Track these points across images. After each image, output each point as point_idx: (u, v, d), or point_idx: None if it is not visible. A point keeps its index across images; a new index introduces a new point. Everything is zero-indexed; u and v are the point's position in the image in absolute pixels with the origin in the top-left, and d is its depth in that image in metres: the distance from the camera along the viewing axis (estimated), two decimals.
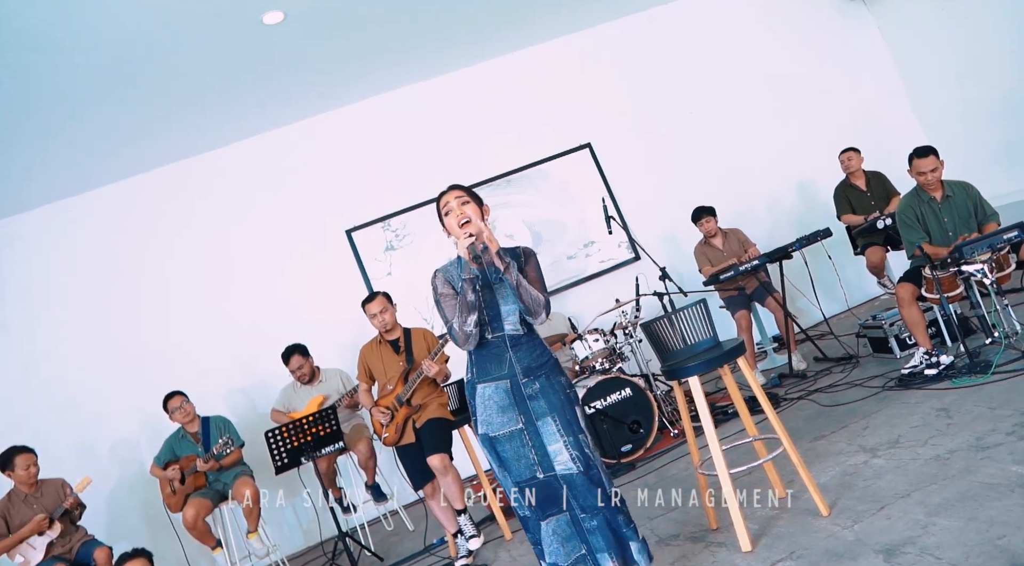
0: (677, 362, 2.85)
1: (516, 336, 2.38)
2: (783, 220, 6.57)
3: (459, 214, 2.35)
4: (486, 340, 2.38)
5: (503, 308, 2.37)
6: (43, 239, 5.56)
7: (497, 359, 2.37)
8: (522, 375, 2.35)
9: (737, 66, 6.75)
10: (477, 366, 2.40)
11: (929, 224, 3.90)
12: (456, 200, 2.38)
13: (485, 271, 2.40)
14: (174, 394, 4.79)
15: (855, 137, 6.20)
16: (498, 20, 5.66)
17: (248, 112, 5.46)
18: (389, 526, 5.24)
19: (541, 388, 2.35)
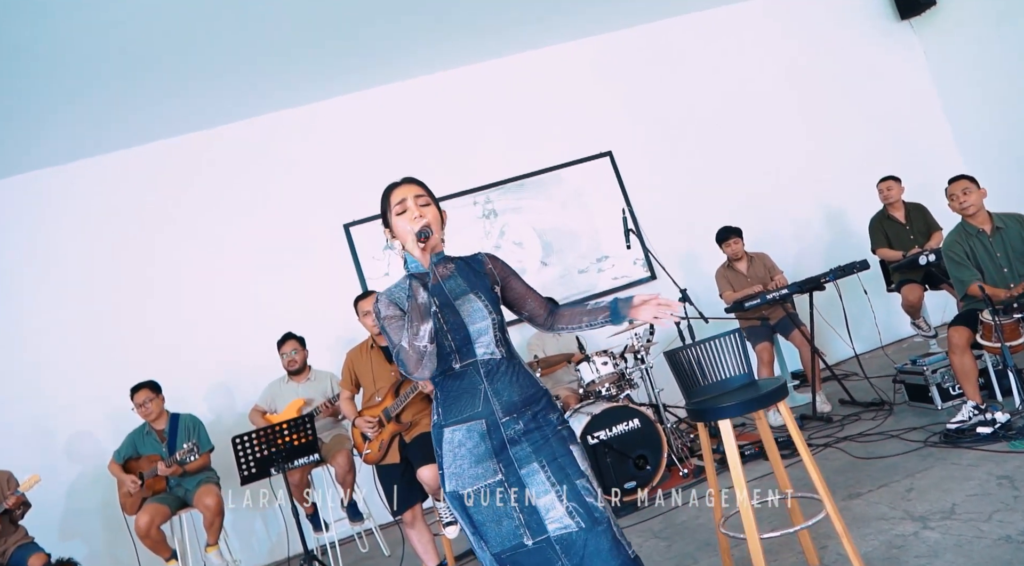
0: (707, 400, 2.44)
1: (492, 362, 1.84)
2: (810, 248, 6.17)
3: (415, 217, 1.82)
4: (453, 370, 1.84)
5: (472, 328, 1.84)
6: (24, 208, 5.19)
7: (468, 394, 1.82)
8: (502, 412, 1.81)
9: (769, 82, 6.38)
10: (443, 404, 1.85)
11: (980, 260, 3.52)
12: (413, 198, 1.86)
13: (441, 284, 1.89)
14: (142, 387, 4.38)
15: (892, 165, 5.82)
16: (520, 15, 5.31)
17: (250, 91, 5.10)
18: (364, 548, 4.82)
19: (526, 428, 1.82)
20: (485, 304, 1.86)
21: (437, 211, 1.90)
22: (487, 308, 1.85)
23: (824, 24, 6.56)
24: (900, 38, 6.67)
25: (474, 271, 1.94)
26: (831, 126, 6.39)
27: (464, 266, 1.95)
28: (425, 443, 3.36)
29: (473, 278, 1.92)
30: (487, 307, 1.85)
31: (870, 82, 6.52)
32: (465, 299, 1.87)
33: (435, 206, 1.90)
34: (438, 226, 1.88)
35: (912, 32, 6.70)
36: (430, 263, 1.85)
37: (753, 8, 6.44)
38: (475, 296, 1.87)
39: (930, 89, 6.65)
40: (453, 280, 1.91)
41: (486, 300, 1.87)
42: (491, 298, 1.88)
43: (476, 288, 1.88)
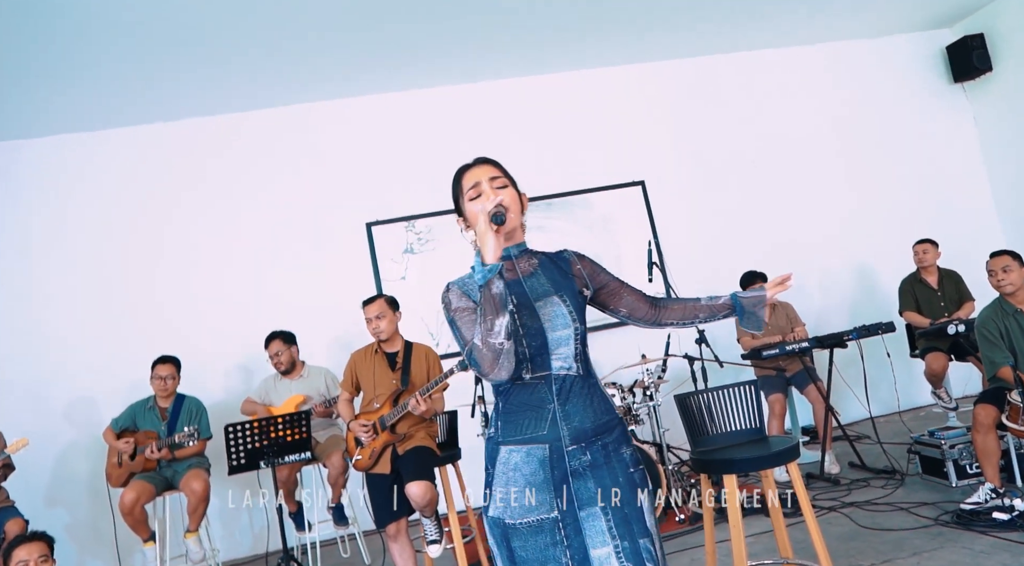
0: (714, 451, 2.34)
1: (567, 378, 1.60)
2: (836, 303, 6.02)
3: (501, 199, 1.58)
4: (521, 381, 1.60)
5: (551, 335, 1.60)
6: (45, 171, 5.22)
7: (535, 411, 1.59)
8: (569, 440, 1.57)
9: (813, 129, 6.27)
10: (504, 419, 1.61)
11: (1015, 341, 3.38)
12: (488, 180, 1.64)
13: (521, 280, 1.66)
14: (168, 361, 4.35)
15: (929, 228, 5.68)
16: (567, 33, 5.25)
17: (286, 78, 5.08)
18: (345, 553, 4.72)
19: (594, 461, 1.58)
20: (569, 310, 1.62)
21: (516, 193, 1.68)
22: (571, 315, 1.62)
23: (876, 77, 6.45)
24: (951, 101, 6.54)
25: (560, 270, 1.70)
26: (871, 181, 6.26)
27: (549, 263, 1.71)
28: (417, 458, 3.28)
29: (559, 278, 1.68)
30: (571, 314, 1.62)
31: (916, 141, 6.39)
32: (547, 301, 1.63)
33: (513, 188, 1.68)
34: (517, 211, 1.65)
35: (964, 96, 6.57)
36: (509, 254, 1.64)
37: (805, 54, 6.35)
38: (559, 299, 1.63)
39: (976, 155, 6.50)
40: (535, 278, 1.67)
41: (571, 306, 1.63)
42: (576, 304, 1.64)
43: (561, 290, 1.65)
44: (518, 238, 1.68)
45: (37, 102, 4.73)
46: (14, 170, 5.18)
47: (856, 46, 6.45)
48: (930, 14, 6.26)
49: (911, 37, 6.55)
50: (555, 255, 1.74)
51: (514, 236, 1.67)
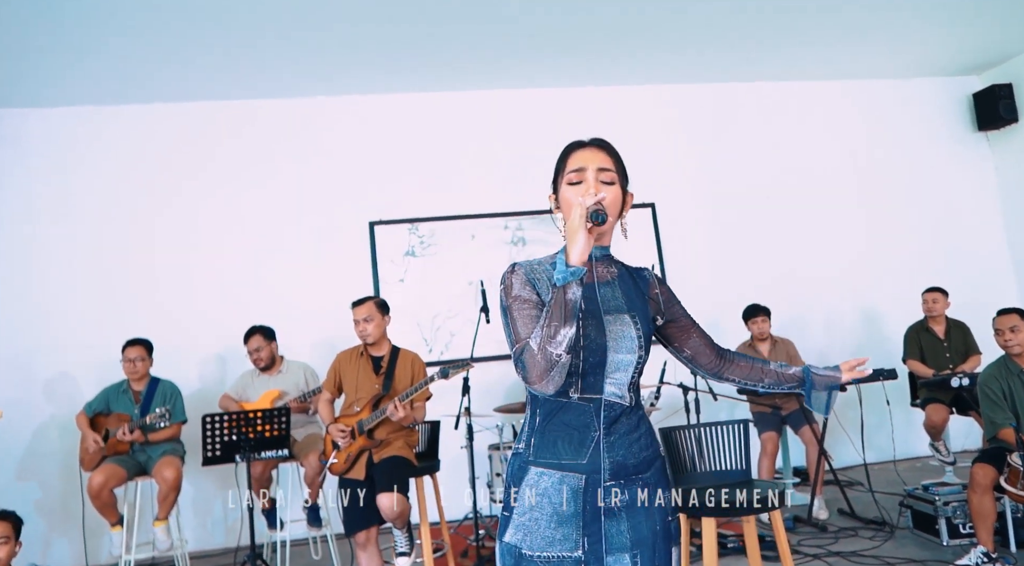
0: (696, 489, 2.24)
1: (617, 407, 1.44)
2: (839, 344, 5.90)
3: (602, 196, 1.41)
4: (568, 401, 1.44)
5: (612, 356, 1.43)
6: (54, 141, 5.17)
7: (577, 435, 1.43)
8: (609, 474, 1.42)
9: (830, 166, 6.17)
10: (540, 438, 1.46)
11: (1018, 401, 3.27)
12: (595, 171, 1.46)
13: (596, 286, 1.49)
14: (136, 343, 4.27)
15: (941, 276, 5.55)
16: (590, 49, 5.18)
17: (301, 70, 5.02)
18: (316, 555, 4.63)
19: (631, 502, 1.44)
20: (639, 334, 1.46)
21: (621, 194, 1.49)
22: (639, 340, 1.45)
23: (899, 118, 6.35)
24: (974, 149, 6.44)
25: (638, 288, 1.54)
26: (886, 222, 6.16)
27: (628, 277, 1.55)
28: (392, 468, 3.19)
29: (634, 296, 1.52)
30: (640, 339, 1.45)
31: (934, 186, 6.28)
32: (617, 318, 1.46)
33: (620, 187, 1.49)
34: (616, 212, 1.47)
35: (987, 145, 6.46)
36: (591, 255, 1.47)
37: (828, 88, 6.27)
38: (630, 319, 1.47)
39: (995, 206, 6.38)
40: (610, 288, 1.50)
41: (642, 330, 1.46)
42: (646, 329, 1.49)
43: (634, 309, 1.49)
44: (605, 241, 1.51)
45: (50, 71, 4.69)
46: (22, 138, 5.14)
47: (881, 85, 6.36)
48: (959, 60, 6.16)
49: (938, 81, 6.45)
50: (636, 270, 1.59)
51: (602, 238, 1.50)
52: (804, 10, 4.93)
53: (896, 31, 5.47)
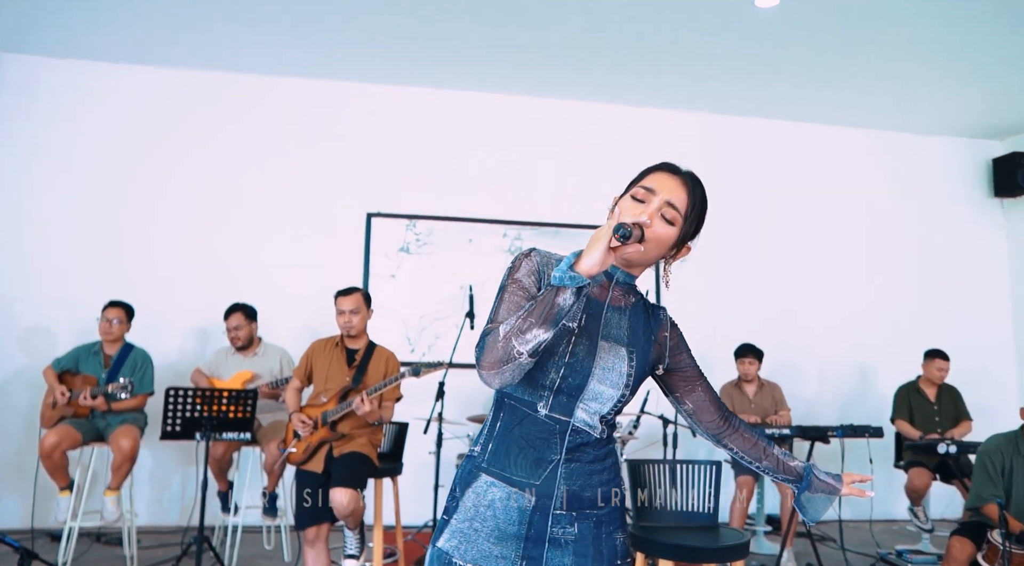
0: (658, 529, 2.12)
1: (584, 436, 1.35)
2: (829, 394, 5.79)
3: (646, 222, 1.29)
4: (535, 414, 1.35)
5: (592, 384, 1.34)
6: (63, 93, 5.09)
7: (535, 453, 1.34)
8: (562, 503, 1.34)
9: (838, 211, 6.08)
10: (496, 446, 1.37)
11: (1016, 483, 3.14)
12: (664, 203, 1.35)
13: (604, 306, 1.39)
14: (117, 305, 4.16)
15: (941, 338, 5.45)
16: (612, 65, 5.09)
17: (320, 51, 4.93)
18: (268, 545, 4.51)
19: (580, 537, 1.35)
20: (630, 372, 1.37)
21: (674, 238, 1.36)
22: (628, 377, 1.36)
23: (915, 174, 6.27)
24: (988, 214, 6.35)
25: (648, 327, 1.44)
26: (891, 277, 6.06)
27: (642, 312, 1.44)
28: (351, 464, 3.08)
29: (640, 333, 1.42)
30: (629, 377, 1.36)
31: (944, 247, 6.19)
32: (614, 348, 1.37)
33: (679, 232, 1.36)
34: (658, 252, 1.36)
35: (1001, 212, 6.37)
36: (614, 274, 1.40)
37: (846, 135, 6.18)
38: (627, 354, 1.37)
39: (1004, 275, 6.28)
40: (619, 314, 1.40)
41: (634, 368, 1.37)
42: (641, 370, 1.40)
43: (635, 346, 1.39)
44: (636, 271, 1.41)
45: (68, 22, 4.61)
46: (32, 85, 5.06)
47: (901, 139, 6.28)
48: (982, 123, 6.09)
49: (959, 142, 6.37)
50: (653, 307, 1.47)
51: (633, 267, 1.40)
52: (835, 55, 4.86)
53: (923, 87, 5.40)
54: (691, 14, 4.39)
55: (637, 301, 1.44)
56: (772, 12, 4.33)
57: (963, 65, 5.00)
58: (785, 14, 4.36)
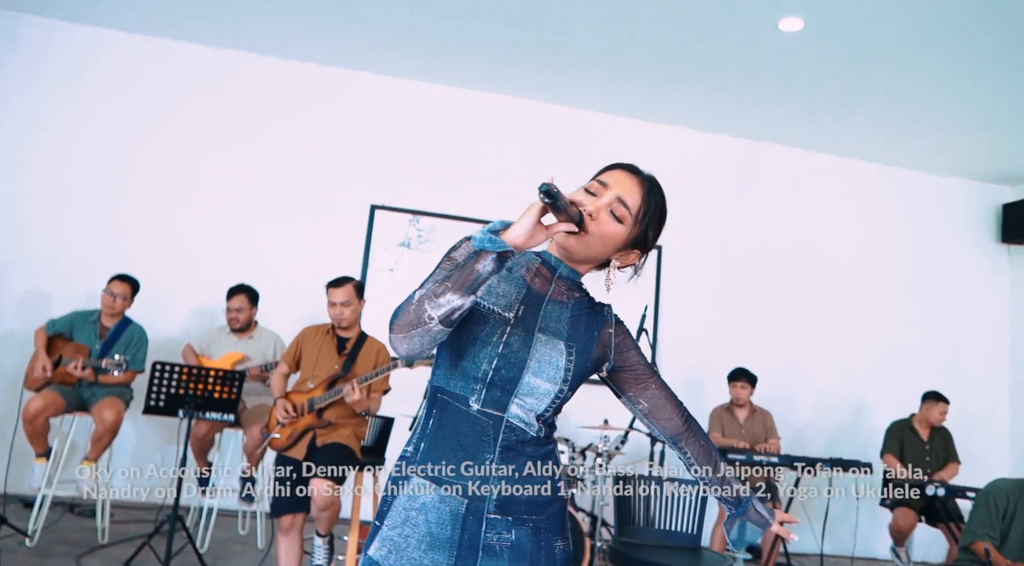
0: (640, 546, 2.08)
1: (520, 433, 1.29)
2: (820, 424, 5.75)
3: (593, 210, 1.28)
4: (467, 410, 1.28)
5: (526, 378, 1.28)
6: (75, 58, 5.04)
7: (466, 454, 1.27)
8: (495, 507, 1.27)
9: (843, 242, 6.06)
10: (428, 444, 1.30)
11: (1015, 529, 3.10)
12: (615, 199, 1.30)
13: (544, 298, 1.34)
14: (125, 279, 4.11)
15: (934, 378, 5.42)
16: (629, 78, 5.09)
17: (339, 38, 4.91)
18: (243, 530, 4.46)
19: (517, 544, 1.28)
20: (568, 366, 1.31)
21: (622, 236, 1.32)
22: (565, 373, 1.30)
23: (923, 213, 6.25)
24: (994, 259, 6.32)
25: (589, 323, 1.38)
26: (891, 314, 6.03)
27: (586, 308, 1.39)
28: (333, 454, 3.04)
29: (582, 329, 1.36)
30: (566, 372, 1.30)
31: (945, 289, 6.16)
32: (551, 341, 1.31)
33: (628, 231, 1.32)
34: (603, 246, 1.31)
35: (1007, 258, 6.35)
36: (558, 268, 1.35)
37: (856, 167, 6.16)
38: (565, 348, 1.32)
39: (1005, 321, 6.25)
40: (559, 308, 1.35)
41: (572, 363, 1.31)
42: (581, 366, 1.33)
43: (575, 341, 1.34)
44: (581, 268, 1.37)
45: None
46: (45, 48, 5.02)
47: (911, 176, 6.26)
48: (994, 168, 6.07)
49: (970, 184, 6.36)
50: (598, 305, 1.42)
51: (577, 263, 1.36)
52: (854, 84, 4.85)
53: (938, 126, 5.40)
54: (714, 33, 4.38)
55: (581, 298, 1.39)
56: (796, 36, 4.31)
57: (980, 108, 4.99)
58: (808, 39, 4.34)
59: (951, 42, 4.21)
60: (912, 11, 3.97)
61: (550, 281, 1.34)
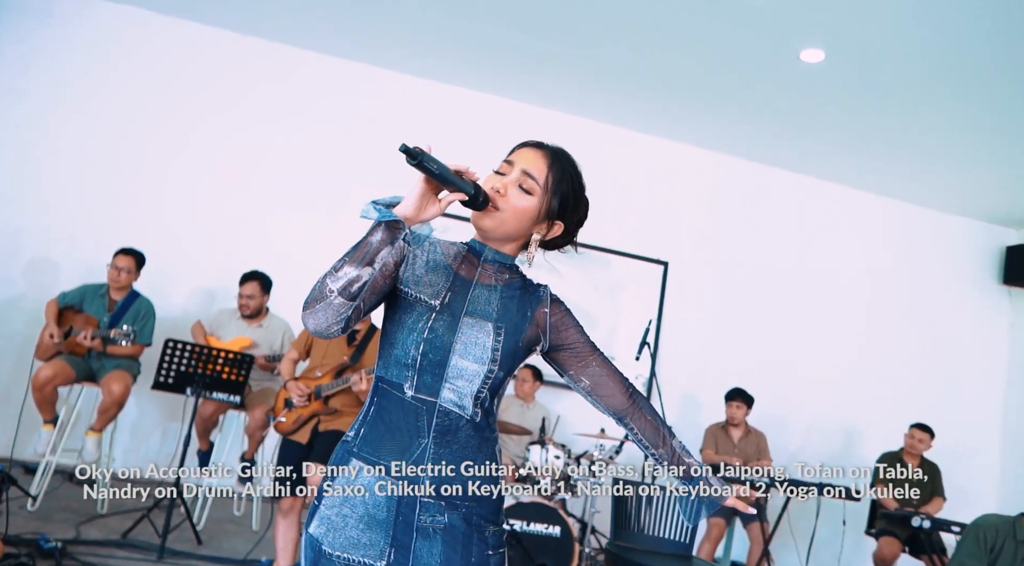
0: (632, 550, 2.15)
1: (454, 417, 1.32)
2: (812, 450, 5.82)
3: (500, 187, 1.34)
4: (401, 394, 1.32)
5: (453, 361, 1.31)
6: (105, 34, 5.11)
7: (403, 439, 1.31)
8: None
9: (845, 272, 6.15)
10: (368, 430, 1.34)
11: (1002, 562, 3.19)
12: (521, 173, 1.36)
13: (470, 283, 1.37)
14: (129, 253, 4.17)
15: (926, 412, 5.47)
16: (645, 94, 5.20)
17: (366, 35, 4.99)
18: (238, 511, 4.52)
19: (450, 526, 1.31)
20: (495, 347, 1.33)
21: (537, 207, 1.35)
22: (493, 353, 1.32)
23: (926, 249, 6.35)
24: (993, 300, 6.41)
25: (522, 304, 1.39)
26: (889, 346, 6.11)
27: (518, 291, 1.40)
28: (333, 443, 3.10)
29: (513, 311, 1.37)
30: (494, 352, 1.32)
31: (944, 326, 6.25)
32: (478, 324, 1.33)
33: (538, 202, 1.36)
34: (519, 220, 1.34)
35: (1008, 300, 6.43)
36: (483, 252, 1.39)
37: (863, 199, 6.25)
38: (493, 329, 1.33)
39: (1002, 362, 6.34)
40: (488, 291, 1.37)
41: (500, 344, 1.33)
42: (510, 346, 1.35)
43: (504, 322, 1.35)
44: (503, 246, 1.39)
45: None
46: (77, 21, 5.08)
47: (917, 212, 6.36)
48: (1001, 210, 6.17)
49: (975, 224, 6.45)
50: (532, 287, 1.42)
51: (501, 243, 1.39)
52: (869, 117, 4.95)
53: (947, 165, 5.50)
54: (737, 60, 4.48)
55: (513, 280, 1.40)
56: (816, 67, 4.41)
57: (990, 149, 5.08)
58: (828, 71, 4.43)
59: (966, 81, 4.30)
60: (929, 50, 4.07)
61: (476, 266, 1.38)
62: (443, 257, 1.38)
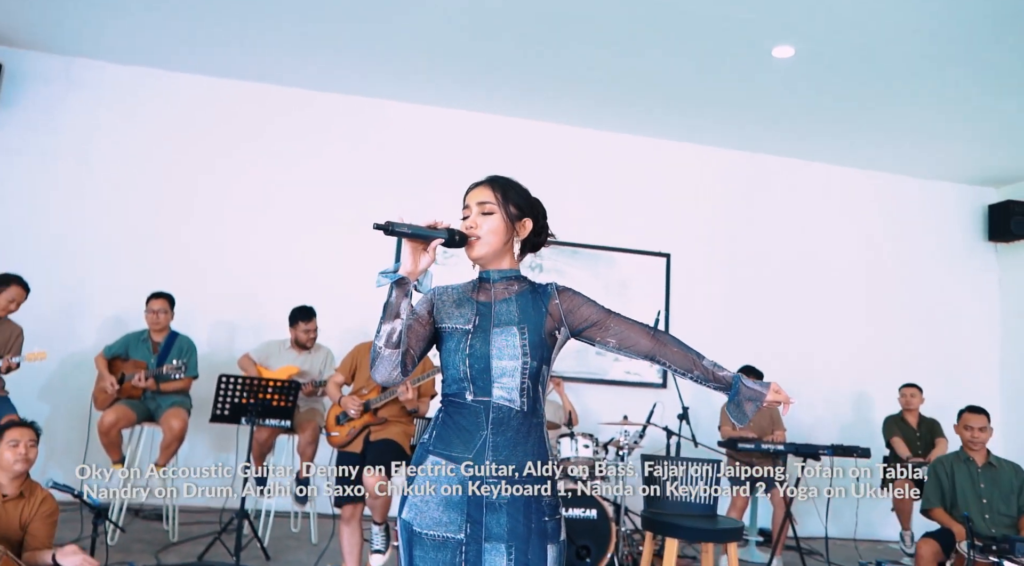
0: (663, 514, 2.47)
1: (507, 410, 1.63)
2: (828, 420, 6.14)
3: (470, 223, 1.68)
4: (464, 401, 1.64)
5: (495, 364, 1.62)
6: (121, 95, 5.48)
7: (467, 434, 1.63)
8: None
9: (842, 249, 6.47)
10: (439, 431, 1.66)
11: (960, 486, 3.61)
12: (477, 205, 1.70)
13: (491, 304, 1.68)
14: (161, 296, 4.53)
15: (927, 374, 5.78)
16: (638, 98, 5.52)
17: (369, 69, 5.34)
18: (295, 527, 4.84)
19: (512, 500, 1.61)
20: (524, 342, 1.64)
21: (504, 221, 1.68)
22: (523, 348, 1.63)
23: (914, 217, 6.65)
24: (982, 258, 6.71)
25: (536, 303, 1.70)
26: (888, 315, 6.41)
27: (530, 294, 1.71)
28: (384, 449, 3.45)
29: (530, 310, 1.68)
30: (524, 347, 1.63)
31: (938, 288, 6.55)
32: (506, 330, 1.64)
33: (503, 215, 1.68)
34: (498, 235, 1.67)
35: (995, 256, 6.73)
36: (489, 277, 1.70)
37: (852, 176, 6.57)
38: (517, 330, 1.65)
39: (995, 317, 6.63)
40: (507, 303, 1.68)
41: (527, 339, 1.64)
42: (536, 339, 1.65)
43: (525, 322, 1.66)
44: (500, 264, 1.71)
45: (130, 29, 4.98)
46: (96, 86, 5.44)
47: (902, 181, 6.67)
48: (980, 171, 6.47)
49: (958, 187, 6.75)
50: (539, 287, 1.74)
51: (497, 262, 1.71)
52: (844, 101, 5.28)
53: (927, 135, 5.81)
54: (712, 59, 4.81)
55: (523, 287, 1.71)
56: (787, 62, 4.74)
57: (965, 115, 5.39)
58: (799, 64, 4.77)
59: (936, 56, 4.57)
60: (897, 29, 4.34)
61: (490, 289, 1.70)
62: (463, 293, 1.72)
